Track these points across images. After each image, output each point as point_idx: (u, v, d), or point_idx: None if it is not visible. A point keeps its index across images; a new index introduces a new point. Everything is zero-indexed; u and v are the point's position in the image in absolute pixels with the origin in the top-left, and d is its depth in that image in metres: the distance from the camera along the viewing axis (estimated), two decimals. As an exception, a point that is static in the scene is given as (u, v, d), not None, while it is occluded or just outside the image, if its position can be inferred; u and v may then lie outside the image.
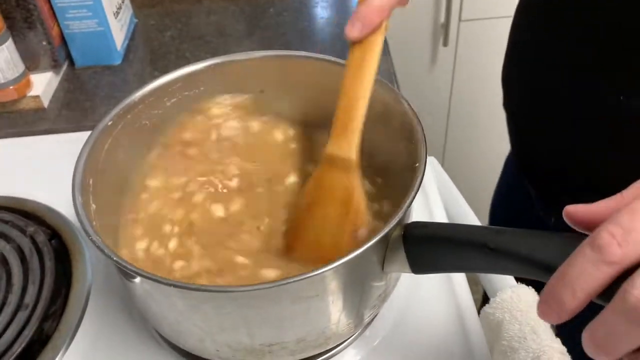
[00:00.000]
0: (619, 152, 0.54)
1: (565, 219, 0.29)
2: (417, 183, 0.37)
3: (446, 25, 1.19)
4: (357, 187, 0.42)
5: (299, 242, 0.43)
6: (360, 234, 0.41)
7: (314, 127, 0.51)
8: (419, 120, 0.42)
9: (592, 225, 0.28)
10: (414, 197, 0.37)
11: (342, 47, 0.78)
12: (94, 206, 0.41)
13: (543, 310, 0.27)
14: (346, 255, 0.33)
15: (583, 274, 0.25)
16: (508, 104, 0.67)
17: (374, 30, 0.39)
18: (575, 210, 0.29)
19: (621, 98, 0.50)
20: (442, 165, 0.78)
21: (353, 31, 0.39)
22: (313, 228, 0.43)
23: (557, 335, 0.47)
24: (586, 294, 0.25)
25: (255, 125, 0.53)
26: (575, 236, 0.30)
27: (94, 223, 0.39)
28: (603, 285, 0.25)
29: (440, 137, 1.40)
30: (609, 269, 0.25)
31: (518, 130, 0.66)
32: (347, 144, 0.41)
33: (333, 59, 0.48)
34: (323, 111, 0.51)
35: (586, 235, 0.30)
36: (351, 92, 0.40)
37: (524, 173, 0.68)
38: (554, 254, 0.30)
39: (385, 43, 0.78)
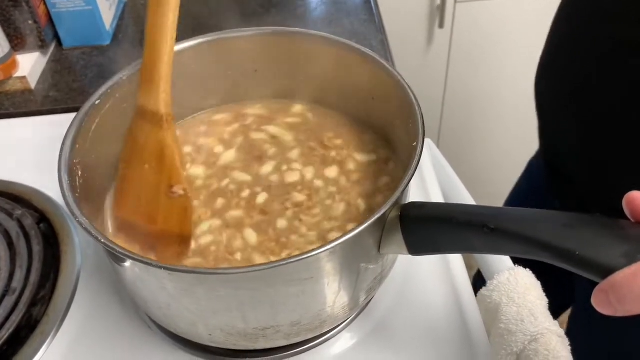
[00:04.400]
0: None
1: (624, 203, 0.27)
2: (415, 163, 0.36)
3: (442, 7, 1.18)
4: (169, 142, 0.39)
5: (122, 202, 0.42)
6: (175, 191, 0.39)
7: (308, 103, 0.50)
8: (417, 100, 0.41)
9: None
10: (411, 177, 0.36)
11: (337, 27, 0.77)
12: (81, 186, 0.40)
13: (600, 299, 0.25)
14: (342, 236, 0.33)
15: None
16: (542, 106, 0.63)
17: None
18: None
19: None
20: (438, 147, 0.77)
21: None
22: (132, 186, 0.41)
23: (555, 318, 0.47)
24: None
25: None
26: (577, 216, 0.30)
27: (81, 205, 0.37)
28: None
29: (435, 119, 1.39)
30: None
31: (550, 138, 0.63)
32: (155, 95, 0.39)
33: (328, 35, 0.47)
34: (317, 88, 0.50)
35: (592, 215, 0.29)
36: (153, 37, 0.39)
37: (552, 187, 0.65)
38: (556, 234, 0.29)
39: (382, 25, 0.77)
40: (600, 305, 0.25)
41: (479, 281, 0.51)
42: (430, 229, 0.35)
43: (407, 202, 0.37)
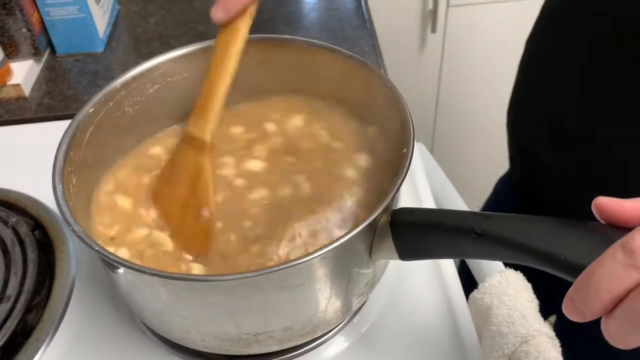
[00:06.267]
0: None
1: (593, 209, 0.28)
2: (405, 169, 0.37)
3: (434, 11, 1.18)
4: (206, 168, 0.43)
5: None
6: (203, 213, 0.42)
7: (297, 112, 0.51)
8: (407, 107, 0.42)
9: (621, 222, 0.27)
10: (401, 184, 0.36)
11: (329, 33, 0.77)
12: (75, 194, 0.40)
13: (567, 308, 0.26)
14: (333, 242, 0.33)
15: (610, 276, 0.24)
16: (516, 135, 0.65)
17: (237, 15, 0.41)
18: (606, 204, 0.28)
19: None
20: (431, 152, 0.78)
21: (216, 14, 0.41)
22: (166, 201, 0.44)
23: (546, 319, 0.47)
24: (612, 297, 0.24)
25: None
26: (563, 221, 0.30)
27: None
28: (630, 289, 0.24)
29: (428, 124, 1.39)
30: (639, 274, 0.24)
31: (526, 164, 0.65)
32: (203, 125, 0.42)
33: (320, 43, 0.47)
34: (307, 96, 0.50)
35: (575, 220, 0.30)
36: (213, 74, 0.42)
37: (520, 208, 0.67)
38: (542, 239, 0.29)
39: (373, 30, 0.78)
40: (569, 313, 0.26)
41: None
42: (419, 234, 0.36)
43: (397, 208, 0.37)
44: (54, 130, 0.43)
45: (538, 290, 0.49)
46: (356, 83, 0.47)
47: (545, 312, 0.48)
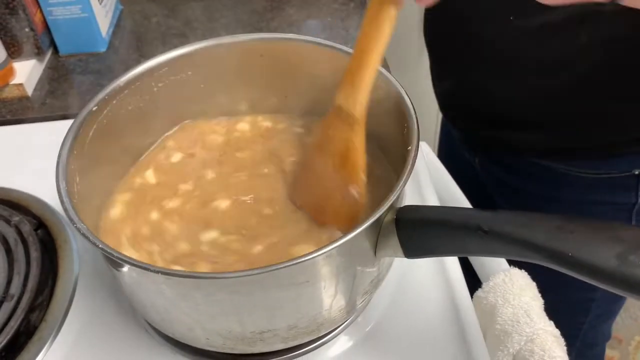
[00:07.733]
0: (523, 91, 0.55)
1: None
2: (409, 166, 0.37)
3: (436, 11, 1.18)
4: (356, 143, 0.41)
5: (300, 187, 0.44)
6: (351, 190, 0.40)
7: (299, 112, 0.51)
8: (412, 104, 0.41)
9: None
10: (406, 181, 0.36)
11: (331, 32, 0.77)
12: (78, 192, 0.40)
13: None
14: (337, 240, 0.33)
15: None
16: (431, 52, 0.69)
17: None
18: None
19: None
20: (434, 151, 0.78)
21: None
22: (313, 175, 0.43)
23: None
24: None
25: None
26: (570, 218, 0.30)
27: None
28: None
29: (431, 123, 1.39)
30: None
31: (438, 73, 0.70)
32: (353, 99, 0.40)
33: (323, 41, 0.47)
34: (311, 96, 0.50)
35: (582, 217, 0.29)
36: (363, 47, 0.39)
37: (447, 117, 0.70)
38: (550, 236, 0.29)
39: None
40: None
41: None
42: (425, 231, 0.36)
43: (402, 206, 0.37)
44: (57, 130, 0.43)
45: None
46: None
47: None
